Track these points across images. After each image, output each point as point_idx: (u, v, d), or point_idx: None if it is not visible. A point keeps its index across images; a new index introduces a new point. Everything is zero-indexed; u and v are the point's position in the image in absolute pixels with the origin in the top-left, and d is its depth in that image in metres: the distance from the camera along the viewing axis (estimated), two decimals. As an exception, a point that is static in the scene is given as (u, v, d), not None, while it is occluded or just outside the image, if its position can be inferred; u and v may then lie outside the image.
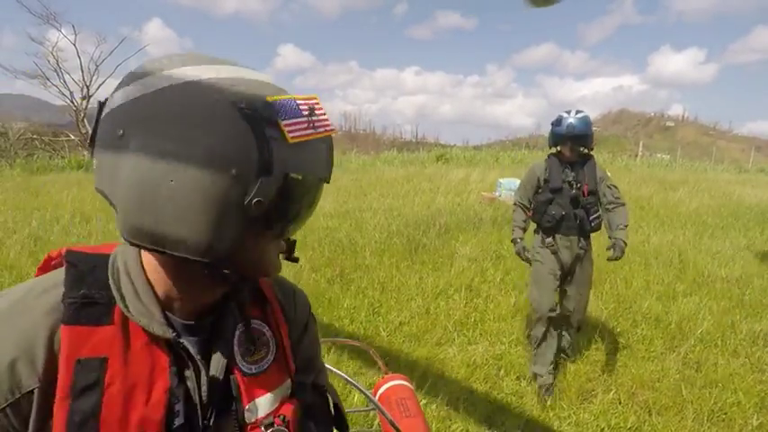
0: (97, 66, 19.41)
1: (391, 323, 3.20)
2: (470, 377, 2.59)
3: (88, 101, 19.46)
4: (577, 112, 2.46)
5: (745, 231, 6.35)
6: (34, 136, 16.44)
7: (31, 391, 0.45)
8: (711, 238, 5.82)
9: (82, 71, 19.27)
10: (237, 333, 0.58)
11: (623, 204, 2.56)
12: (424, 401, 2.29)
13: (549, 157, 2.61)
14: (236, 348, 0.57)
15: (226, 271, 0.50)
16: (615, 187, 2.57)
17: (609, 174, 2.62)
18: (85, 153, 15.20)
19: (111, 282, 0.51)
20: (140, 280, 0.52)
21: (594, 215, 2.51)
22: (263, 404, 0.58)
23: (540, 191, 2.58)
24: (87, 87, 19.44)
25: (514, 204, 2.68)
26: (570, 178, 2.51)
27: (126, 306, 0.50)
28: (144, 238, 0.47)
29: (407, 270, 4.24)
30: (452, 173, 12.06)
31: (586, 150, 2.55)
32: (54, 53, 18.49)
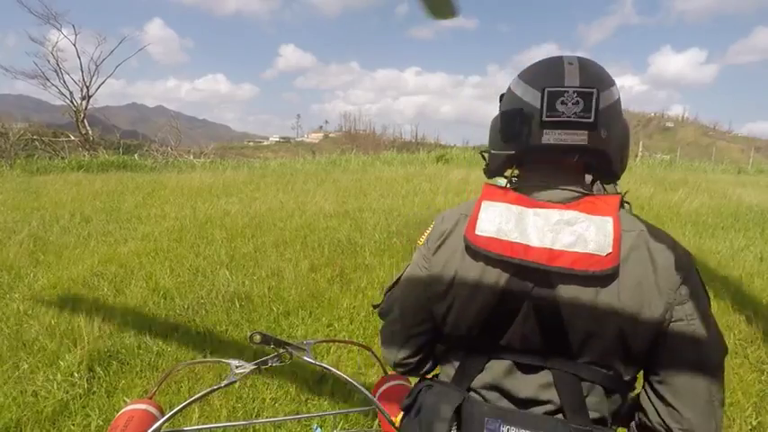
0: (97, 66, 19.43)
1: (391, 323, 3.20)
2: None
3: (88, 101, 19.47)
4: None
5: (744, 232, 6.35)
6: (34, 136, 16.43)
7: None
8: (711, 239, 5.82)
9: (82, 71, 19.28)
10: None
11: None
12: (423, 401, 2.29)
13: None
14: None
15: None
16: None
17: None
18: (85, 154, 15.20)
19: None
20: None
21: None
22: None
23: None
24: (87, 88, 19.44)
25: None
26: None
27: None
28: (619, 172, 0.83)
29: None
30: (452, 173, 12.05)
31: None
32: (54, 53, 18.51)
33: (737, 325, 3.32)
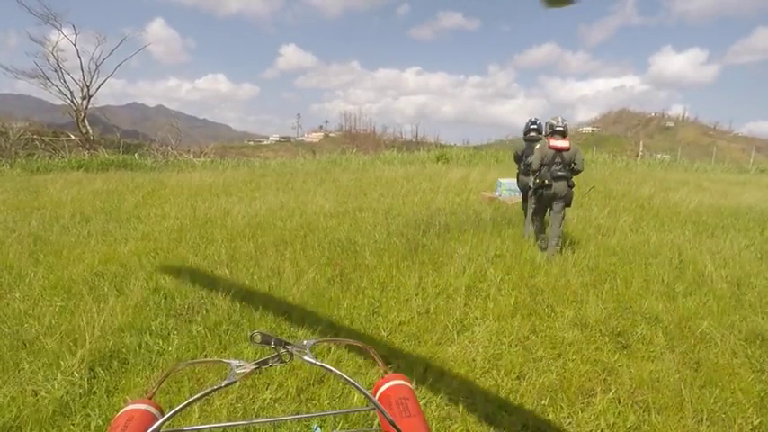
0: (97, 65, 19.44)
1: (391, 323, 3.20)
2: (470, 376, 2.60)
3: (88, 101, 19.47)
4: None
5: (744, 231, 6.35)
6: (34, 136, 16.44)
7: None
8: (711, 238, 5.82)
9: (82, 71, 19.29)
10: None
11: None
12: (423, 401, 2.29)
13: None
14: None
15: None
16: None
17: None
18: (86, 153, 15.19)
19: None
20: None
21: None
22: None
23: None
24: (87, 87, 19.45)
25: None
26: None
27: None
28: (567, 134, 5.08)
29: (407, 270, 4.24)
30: (452, 172, 12.05)
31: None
32: (54, 53, 18.52)
33: (738, 325, 3.32)
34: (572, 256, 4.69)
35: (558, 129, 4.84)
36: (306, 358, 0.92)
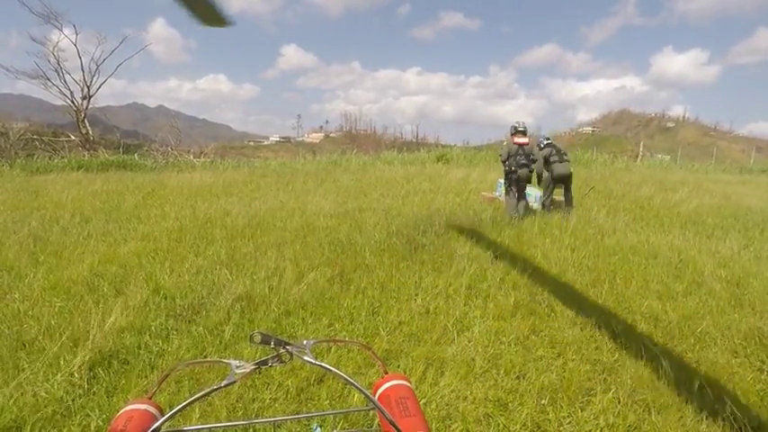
0: (98, 66, 19.44)
1: (391, 323, 3.20)
2: (470, 376, 2.60)
3: (89, 101, 19.47)
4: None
5: (744, 231, 6.35)
6: (34, 136, 16.44)
7: None
8: (711, 238, 5.82)
9: (83, 71, 19.30)
10: None
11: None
12: (423, 401, 2.29)
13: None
14: None
15: None
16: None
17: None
18: (86, 153, 15.20)
19: None
20: None
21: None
22: None
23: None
24: (88, 87, 19.45)
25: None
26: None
27: None
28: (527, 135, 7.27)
29: (407, 270, 4.24)
30: (452, 173, 12.05)
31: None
32: (55, 53, 18.52)
33: (737, 324, 3.32)
34: (572, 256, 4.70)
35: (520, 129, 6.70)
36: (306, 358, 0.92)
